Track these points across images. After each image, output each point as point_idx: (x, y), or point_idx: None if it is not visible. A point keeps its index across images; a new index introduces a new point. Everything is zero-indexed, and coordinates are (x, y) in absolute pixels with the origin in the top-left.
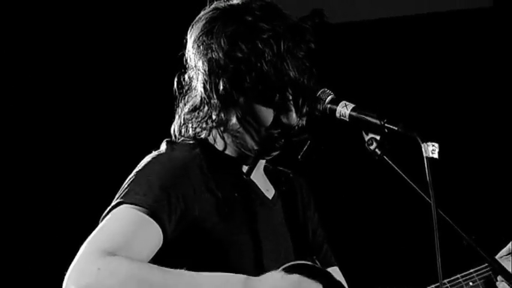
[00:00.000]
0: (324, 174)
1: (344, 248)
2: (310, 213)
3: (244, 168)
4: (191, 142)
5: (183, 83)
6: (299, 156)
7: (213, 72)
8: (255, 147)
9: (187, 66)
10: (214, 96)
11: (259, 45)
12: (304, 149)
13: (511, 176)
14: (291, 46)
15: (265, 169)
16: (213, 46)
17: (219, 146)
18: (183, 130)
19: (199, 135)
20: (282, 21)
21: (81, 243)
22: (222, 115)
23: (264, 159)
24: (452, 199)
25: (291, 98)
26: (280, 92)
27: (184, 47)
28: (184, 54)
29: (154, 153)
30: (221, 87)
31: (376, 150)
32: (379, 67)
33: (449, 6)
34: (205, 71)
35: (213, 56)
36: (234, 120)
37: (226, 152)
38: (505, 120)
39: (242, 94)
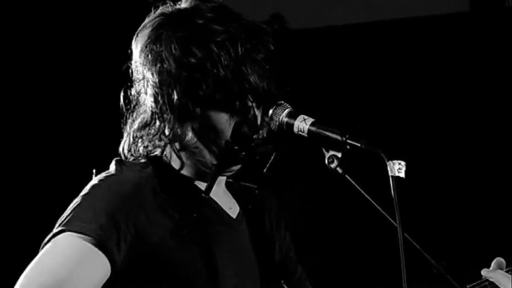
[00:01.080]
0: (293, 188)
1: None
2: (280, 233)
3: (203, 187)
4: (142, 161)
5: (130, 98)
6: (265, 170)
7: (165, 82)
8: (213, 162)
9: (133, 79)
10: (167, 109)
11: (214, 49)
12: (270, 161)
13: (487, 193)
14: (249, 49)
15: (228, 185)
16: (163, 54)
17: (175, 164)
18: (133, 149)
19: (152, 153)
20: (236, 22)
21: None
22: (177, 129)
23: (224, 174)
24: (422, 220)
25: (251, 105)
26: (241, 99)
27: (129, 58)
28: (129, 67)
29: (101, 175)
30: (175, 99)
31: (338, 168)
32: (344, 78)
33: (425, 11)
34: (155, 82)
35: (164, 64)
36: (190, 134)
37: (184, 170)
38: (484, 131)
39: (198, 104)
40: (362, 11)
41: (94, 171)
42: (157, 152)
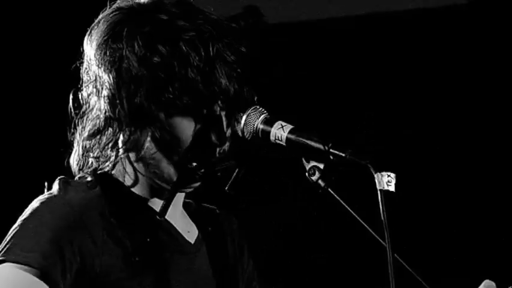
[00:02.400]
0: (259, 209)
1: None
2: (242, 258)
3: (158, 207)
4: (89, 179)
5: (81, 102)
6: (226, 188)
7: (124, 84)
8: (173, 177)
9: (84, 80)
10: (125, 114)
11: (183, 48)
12: (232, 178)
13: (481, 207)
14: (221, 49)
15: (186, 206)
16: (124, 52)
17: (128, 179)
18: (82, 162)
19: (101, 169)
20: (205, 19)
21: None
22: (134, 137)
23: (183, 191)
24: (414, 239)
25: (220, 112)
26: (209, 105)
27: (80, 57)
28: (79, 67)
29: (43, 197)
30: (135, 102)
31: (319, 181)
32: (326, 77)
33: (422, 3)
34: (112, 83)
35: (124, 64)
36: (148, 142)
37: (136, 188)
38: (481, 132)
39: (162, 108)
40: (354, 3)
41: (46, 184)
42: (108, 166)
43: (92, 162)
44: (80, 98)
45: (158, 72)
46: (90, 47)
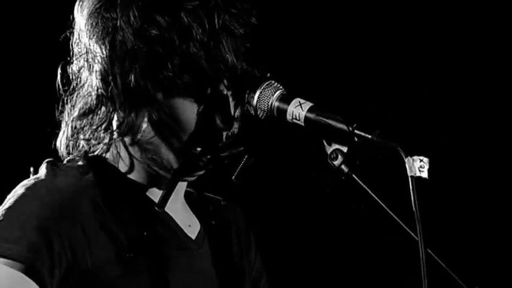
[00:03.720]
0: (268, 201)
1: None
2: (249, 255)
3: (157, 197)
4: (81, 163)
5: (70, 77)
6: (233, 177)
7: (118, 58)
8: (173, 164)
9: (74, 52)
10: (119, 93)
11: (184, 19)
12: (240, 166)
13: None
14: (228, 20)
15: (187, 197)
16: (118, 23)
17: (123, 166)
18: (71, 145)
19: (94, 152)
20: None
21: None
22: (130, 118)
23: (184, 180)
24: (450, 233)
25: (226, 92)
26: (214, 84)
27: (70, 27)
28: (69, 37)
29: (28, 181)
30: (130, 79)
31: (342, 166)
32: (347, 53)
33: None
34: (105, 57)
35: (118, 36)
36: (145, 125)
37: (133, 174)
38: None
39: (160, 88)
40: None
41: (31, 169)
42: (101, 149)
43: (82, 145)
44: (70, 72)
45: (156, 47)
46: (80, 16)
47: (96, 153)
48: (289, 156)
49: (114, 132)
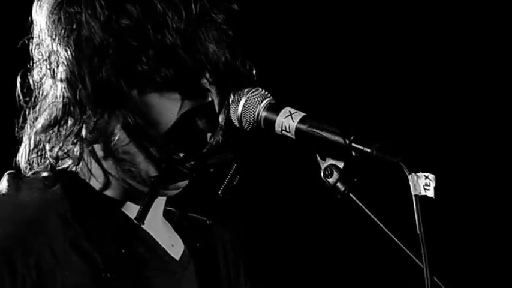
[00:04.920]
0: (259, 218)
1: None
2: (239, 282)
3: (134, 213)
4: (46, 175)
5: (32, 86)
6: (220, 191)
7: (85, 57)
8: (152, 174)
9: (35, 59)
10: (88, 95)
11: (158, 6)
12: (228, 178)
13: None
14: (206, 6)
15: (168, 216)
16: (83, 17)
17: (95, 182)
18: (34, 158)
19: (61, 165)
20: None
21: None
22: (101, 125)
23: (164, 194)
24: (459, 257)
25: (209, 87)
26: (195, 78)
27: (29, 30)
28: (27, 43)
29: None
30: (101, 77)
31: (338, 184)
32: (340, 58)
33: None
34: (70, 58)
35: (84, 32)
36: (119, 131)
37: (108, 191)
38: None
39: (134, 84)
40: None
41: None
42: (70, 164)
43: (48, 161)
44: (31, 81)
45: (128, 39)
46: (40, 15)
47: (64, 166)
48: (277, 173)
49: (84, 142)
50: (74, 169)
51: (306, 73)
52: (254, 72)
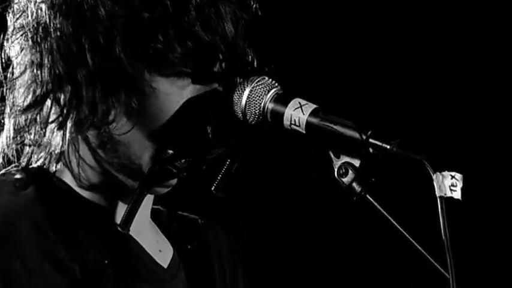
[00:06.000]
0: (263, 219)
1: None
2: (235, 284)
3: (118, 217)
4: (18, 176)
5: (13, 61)
6: (213, 188)
7: (87, 28)
8: (144, 168)
9: (14, 27)
10: (89, 74)
11: None
12: (222, 173)
13: None
14: None
15: (156, 216)
16: None
17: (76, 179)
18: (12, 150)
19: (36, 162)
20: None
21: None
22: (105, 106)
23: (153, 193)
24: (485, 265)
25: (221, 71)
26: (210, 60)
27: None
28: (7, 9)
29: None
30: (108, 55)
31: (354, 185)
32: (353, 46)
33: None
34: (66, 27)
35: (87, 2)
36: (119, 119)
37: (89, 192)
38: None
39: (147, 64)
40: None
41: None
42: (46, 158)
43: (27, 151)
44: (6, 55)
45: (141, 12)
46: None
47: (39, 163)
48: (285, 171)
49: (73, 129)
50: (51, 167)
51: (316, 61)
52: (259, 61)
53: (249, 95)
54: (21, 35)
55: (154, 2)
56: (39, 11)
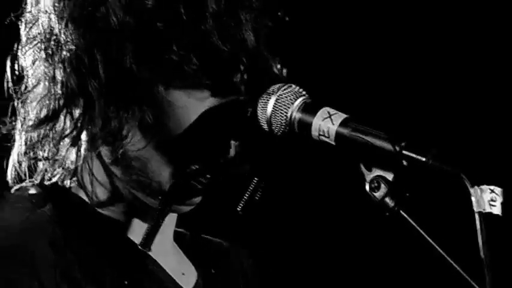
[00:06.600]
0: (284, 239)
1: None
2: None
3: (139, 237)
4: (34, 192)
5: (25, 73)
6: (238, 207)
7: (99, 39)
8: (165, 185)
9: (26, 39)
10: (100, 86)
11: None
12: (248, 193)
13: None
14: None
15: (178, 239)
16: None
17: (94, 197)
18: (24, 165)
19: (52, 179)
20: None
21: None
22: (116, 121)
23: (176, 210)
24: None
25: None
26: (230, 72)
27: (20, 4)
28: (17, 19)
29: None
30: (120, 67)
31: (387, 199)
32: (386, 50)
33: None
34: (78, 39)
35: (99, 9)
36: (133, 134)
37: (108, 210)
38: None
39: (161, 77)
40: None
41: None
42: (62, 174)
43: (40, 168)
44: (21, 66)
45: (154, 21)
46: None
47: (54, 180)
48: (314, 185)
49: (85, 145)
50: (66, 183)
51: (344, 68)
52: (284, 72)
53: (274, 104)
54: (34, 46)
55: (168, 10)
56: (50, 22)
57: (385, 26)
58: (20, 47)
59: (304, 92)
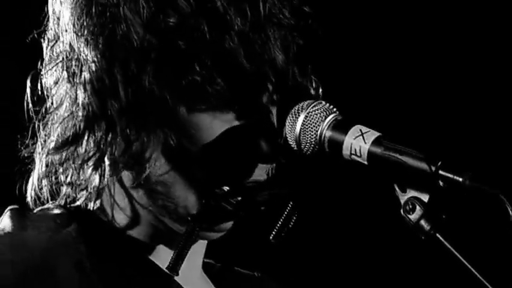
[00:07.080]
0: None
1: None
2: None
3: (165, 262)
4: (58, 212)
5: (45, 93)
6: (271, 236)
7: (120, 60)
8: (191, 210)
9: (50, 58)
10: (121, 107)
11: (218, 3)
12: (282, 219)
13: None
14: (277, 8)
15: (207, 270)
16: (120, 11)
17: (118, 218)
18: (45, 189)
19: (76, 202)
20: None
21: None
22: (137, 145)
23: (205, 237)
24: None
25: (270, 107)
26: (257, 93)
27: (42, 22)
28: (39, 37)
29: None
30: (140, 88)
31: (422, 222)
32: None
33: None
34: (99, 60)
35: (120, 28)
36: (156, 156)
37: (133, 233)
38: None
39: (182, 99)
40: None
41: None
42: (86, 197)
43: (63, 192)
44: (42, 86)
45: (176, 41)
46: (60, 4)
47: (78, 203)
48: (346, 206)
49: (109, 169)
50: (90, 206)
51: (375, 85)
52: (320, 90)
53: (303, 121)
54: (57, 65)
55: (190, 28)
56: (72, 41)
57: (404, 38)
58: (43, 65)
59: (335, 109)
